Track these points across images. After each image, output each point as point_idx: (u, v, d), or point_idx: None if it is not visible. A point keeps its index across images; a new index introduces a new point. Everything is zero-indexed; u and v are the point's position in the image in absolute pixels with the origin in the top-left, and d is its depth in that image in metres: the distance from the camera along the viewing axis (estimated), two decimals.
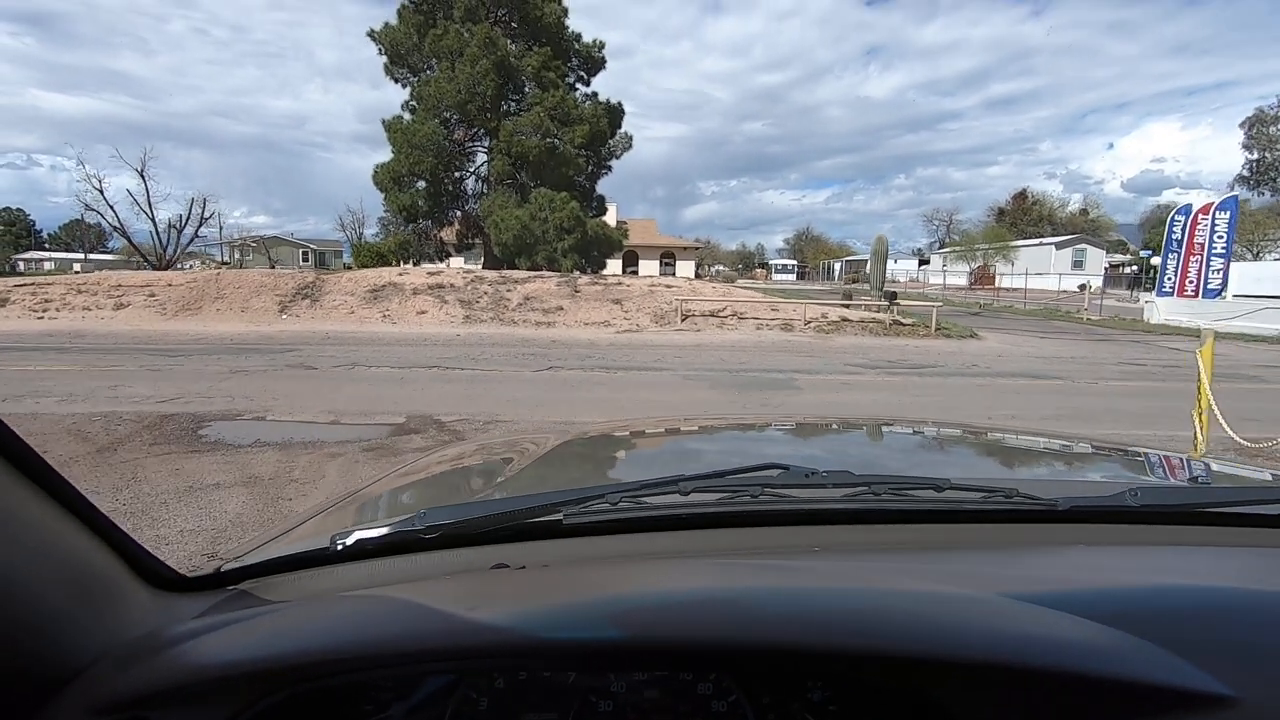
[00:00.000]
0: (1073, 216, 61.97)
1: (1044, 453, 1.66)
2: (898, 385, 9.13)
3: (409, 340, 13.18)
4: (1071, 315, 23.00)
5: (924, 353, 12.75)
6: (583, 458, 1.65)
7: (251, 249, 53.72)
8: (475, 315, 15.92)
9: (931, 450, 1.74)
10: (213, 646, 0.64)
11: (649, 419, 4.48)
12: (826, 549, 0.87)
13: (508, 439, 2.10)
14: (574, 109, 20.90)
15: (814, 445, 1.80)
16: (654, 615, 0.63)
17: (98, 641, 0.64)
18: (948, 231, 70.74)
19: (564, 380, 9.00)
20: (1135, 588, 0.71)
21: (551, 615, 0.63)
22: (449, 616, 0.63)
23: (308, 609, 0.73)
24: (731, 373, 9.96)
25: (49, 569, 0.62)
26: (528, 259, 20.53)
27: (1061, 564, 0.83)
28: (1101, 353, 13.34)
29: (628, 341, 13.62)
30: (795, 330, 15.28)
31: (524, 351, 11.85)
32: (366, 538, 0.82)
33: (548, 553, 0.85)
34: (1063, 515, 0.90)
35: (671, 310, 16.16)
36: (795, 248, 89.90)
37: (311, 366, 9.79)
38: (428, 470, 1.55)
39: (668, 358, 11.40)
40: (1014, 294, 34.05)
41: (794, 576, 0.74)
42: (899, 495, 0.91)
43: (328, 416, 6.66)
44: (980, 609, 0.64)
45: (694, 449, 1.80)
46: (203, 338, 13.27)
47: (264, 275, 17.66)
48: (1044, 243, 49.76)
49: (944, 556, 0.85)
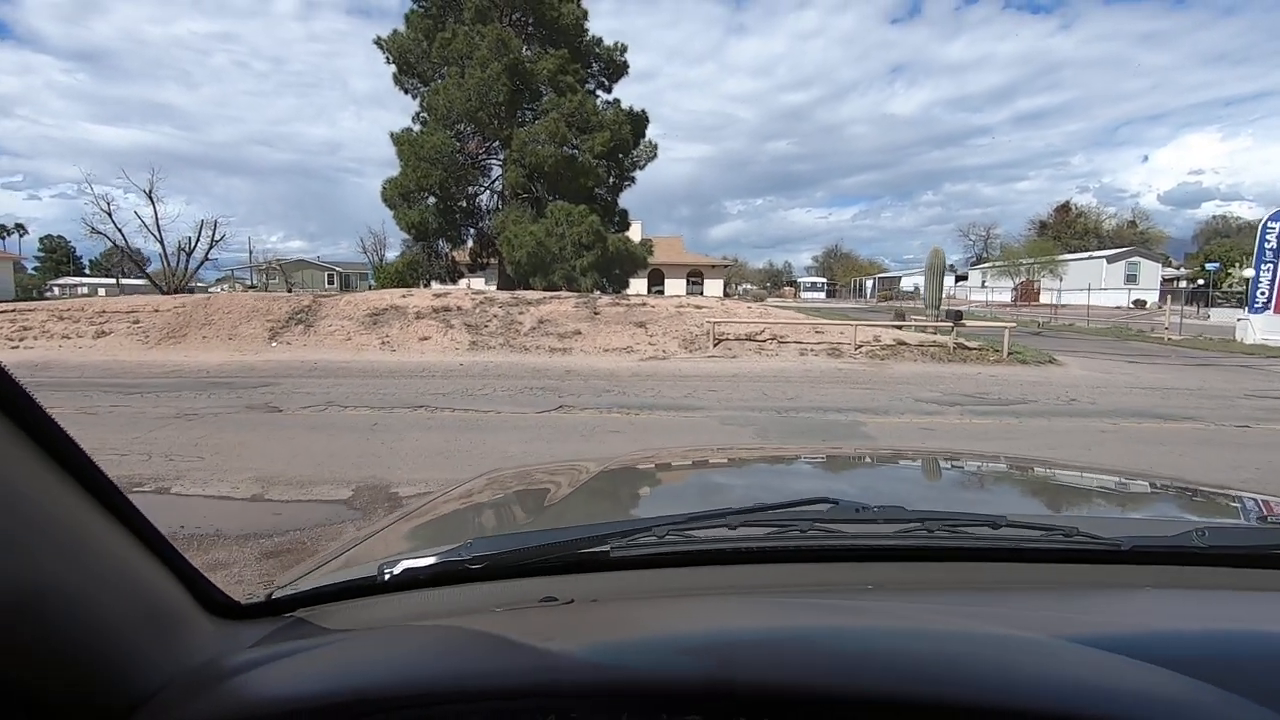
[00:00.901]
0: (1120, 229, 58.93)
1: (1103, 490, 1.59)
2: (995, 431, 7.21)
3: (405, 371, 11.58)
4: (1146, 335, 20.66)
5: (1005, 383, 10.77)
6: (625, 487, 1.62)
7: (277, 272, 53.85)
8: (483, 341, 14.30)
9: (984, 485, 1.67)
10: (278, 677, 0.64)
11: (688, 448, 4.29)
12: (879, 587, 0.84)
13: (549, 464, 2.01)
14: (594, 115, 19.24)
15: (861, 478, 1.74)
16: (714, 655, 0.62)
17: (164, 669, 0.63)
18: (985, 246, 68.13)
19: (573, 426, 7.26)
20: (1204, 632, 0.68)
21: (609, 653, 0.63)
22: (511, 654, 0.63)
23: (371, 641, 0.72)
24: (779, 413, 8.14)
25: (119, 595, 0.61)
26: (543, 278, 18.85)
27: (1127, 607, 0.79)
28: (1216, 382, 11.22)
29: (652, 371, 11.85)
30: (845, 356, 13.36)
31: (532, 385, 10.15)
32: (414, 567, 0.83)
33: (594, 586, 0.84)
34: (1125, 556, 0.87)
35: (702, 334, 14.38)
36: (824, 265, 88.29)
37: (276, 408, 8.19)
38: (471, 496, 1.52)
39: (700, 392, 9.60)
40: (1068, 311, 31.73)
41: (850, 616, 0.72)
42: (953, 532, 0.89)
43: (253, 487, 5.00)
44: (1048, 654, 0.61)
45: (737, 480, 1.73)
46: (178, 369, 11.84)
47: (256, 299, 16.28)
48: (1094, 256, 47.03)
49: (1002, 597, 0.82)
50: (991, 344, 14.07)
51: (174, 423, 7.25)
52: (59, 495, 0.58)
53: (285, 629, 0.78)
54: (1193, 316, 26.92)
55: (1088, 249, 51.89)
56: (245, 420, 7.47)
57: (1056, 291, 36.82)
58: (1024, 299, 43.24)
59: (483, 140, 20.14)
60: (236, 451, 6.03)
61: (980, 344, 14.12)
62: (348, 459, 5.77)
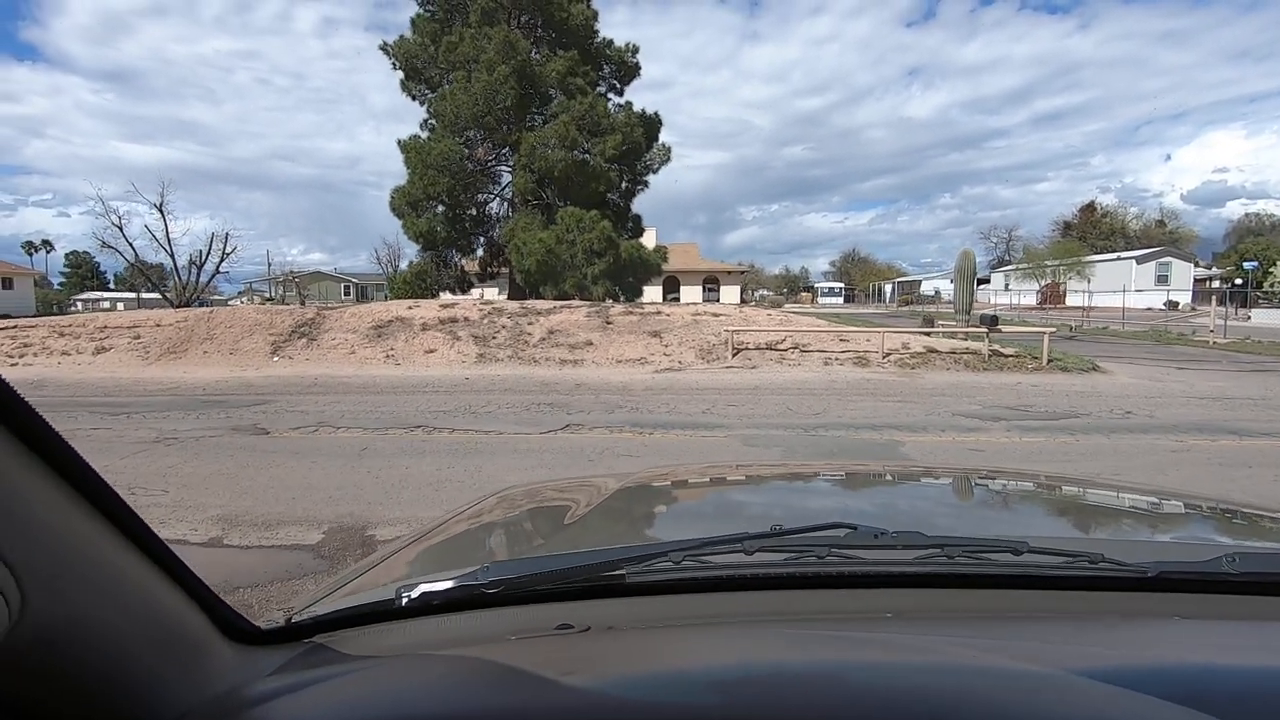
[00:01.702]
0: (1147, 228, 57.36)
1: (1131, 511, 1.54)
2: (1049, 450, 6.46)
3: (407, 386, 11.02)
4: (1188, 338, 19.63)
5: (1048, 393, 9.96)
6: (642, 506, 1.62)
7: (295, 285, 54.11)
8: (490, 353, 13.72)
9: (1007, 506, 1.61)
10: (299, 709, 0.64)
11: (706, 464, 4.17)
12: (899, 615, 0.82)
13: (565, 481, 2.01)
14: (605, 118, 18.63)
15: (881, 498, 1.70)
16: (733, 692, 0.61)
17: (186, 698, 0.62)
18: (1007, 249, 66.73)
19: (580, 448, 6.61)
20: (1237, 668, 0.65)
21: (626, 688, 0.63)
22: (527, 688, 0.63)
23: (389, 672, 0.72)
24: (806, 430, 7.44)
25: (141, 623, 0.61)
26: (554, 287, 18.24)
27: (1155, 639, 0.76)
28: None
29: (668, 384, 11.18)
30: (873, 365, 12.59)
31: (540, 400, 9.54)
32: (431, 591, 0.83)
33: (610, 612, 0.84)
34: (1152, 583, 0.83)
35: (720, 343, 13.69)
36: (841, 270, 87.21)
37: (263, 430, 7.64)
38: (493, 513, 1.52)
39: (719, 407, 8.92)
40: (1099, 313, 30.60)
41: (872, 651, 0.71)
42: (974, 559, 0.86)
43: (213, 528, 4.41)
44: (1074, 694, 0.59)
45: (752, 500, 1.71)
46: (174, 387, 11.38)
47: (259, 313, 15.85)
48: (1123, 257, 45.67)
49: (1024, 627, 0.80)
50: (1029, 350, 13.24)
51: (150, 448, 6.72)
52: (79, 523, 0.58)
53: (304, 655, 0.78)
54: (1231, 318, 25.77)
55: (1114, 249, 50.47)
56: (226, 444, 6.91)
57: (1085, 294, 35.62)
58: (1050, 301, 41.98)
59: (492, 146, 19.61)
60: (207, 484, 5.45)
61: (1016, 350, 13.29)
62: (326, 492, 5.17)
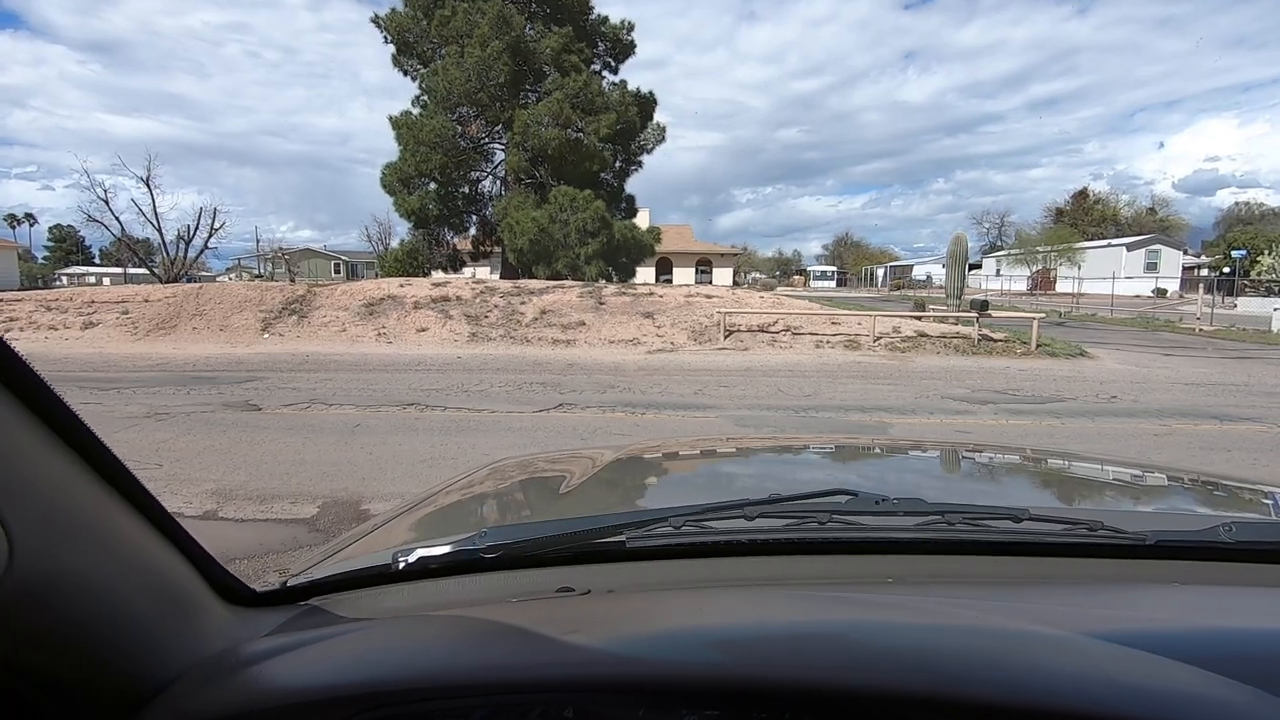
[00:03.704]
0: (1139, 216, 57.54)
1: (1129, 483, 1.56)
2: (1035, 433, 6.55)
3: (400, 364, 11.02)
4: (1175, 325, 19.83)
5: (1035, 378, 10.08)
6: (638, 477, 1.60)
7: (285, 261, 53.50)
8: (483, 332, 13.71)
9: (1006, 477, 1.61)
10: (294, 666, 0.63)
11: (705, 437, 4.01)
12: (900, 580, 0.82)
13: (562, 452, 1.91)
14: (599, 96, 18.44)
15: (878, 468, 1.69)
16: (734, 650, 0.61)
17: (181, 658, 0.62)
18: (999, 234, 66.84)
19: (573, 427, 6.66)
20: (1239, 630, 0.66)
21: (627, 646, 0.62)
22: (528, 646, 0.62)
23: (387, 631, 0.71)
24: (797, 412, 7.51)
25: (136, 583, 0.61)
26: (547, 266, 18.17)
27: (1150, 604, 0.77)
28: (1264, 376, 10.49)
29: (660, 365, 11.23)
30: (864, 348, 12.67)
31: (532, 380, 9.56)
32: (429, 555, 0.82)
33: (610, 576, 0.83)
34: (1150, 550, 0.84)
35: (712, 325, 13.73)
36: (834, 253, 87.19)
37: (255, 406, 7.64)
38: (485, 483, 1.50)
39: (710, 388, 8.98)
40: (1089, 300, 30.84)
41: (874, 610, 0.70)
42: (974, 525, 0.86)
43: (207, 501, 4.44)
44: (1077, 652, 0.59)
45: (751, 470, 1.70)
46: (164, 362, 11.33)
47: (249, 289, 15.73)
48: (1113, 244, 45.87)
49: (1023, 593, 0.80)
50: (1017, 335, 13.36)
51: (141, 423, 6.71)
52: (74, 482, 0.57)
53: (300, 617, 0.77)
54: (1219, 306, 26.05)
55: (1105, 237, 50.65)
56: (219, 421, 6.91)
57: (1075, 280, 35.83)
58: (1041, 287, 42.19)
59: (485, 123, 19.37)
60: (200, 458, 5.47)
61: (1005, 335, 13.40)
62: (320, 468, 5.20)
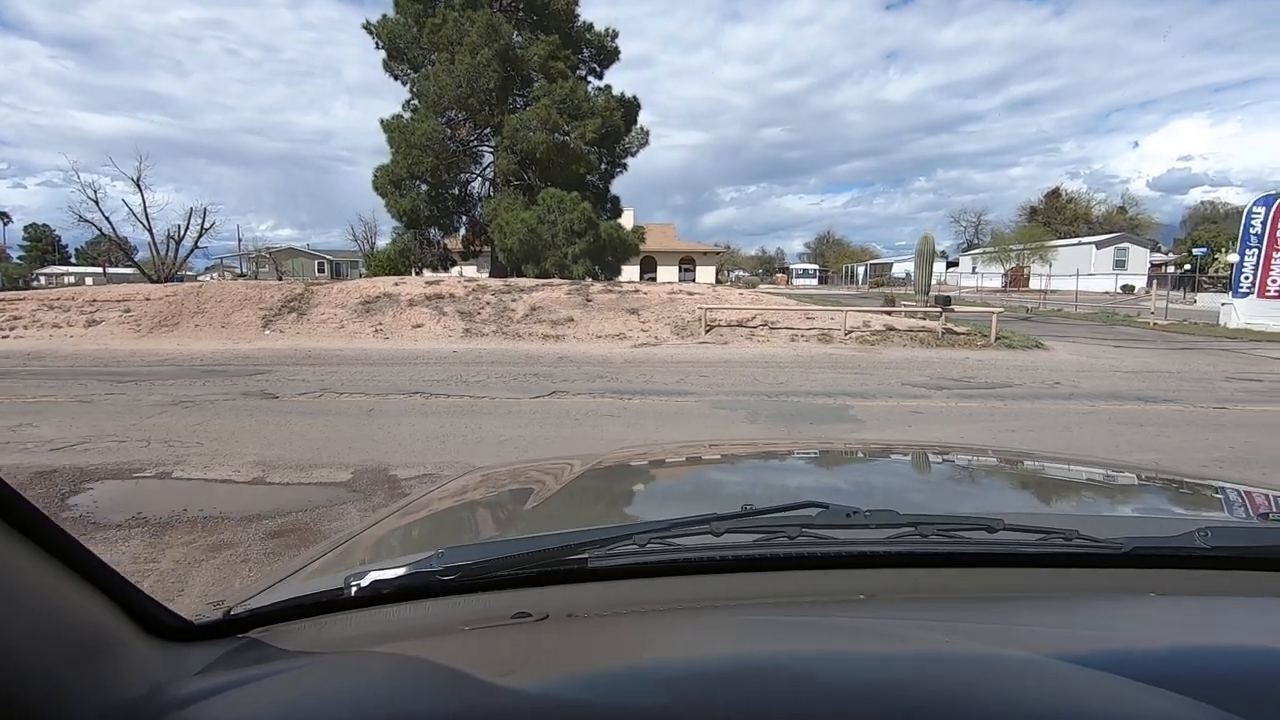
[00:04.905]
0: (1110, 214, 59.26)
1: (1103, 485, 1.55)
2: (979, 414, 7.38)
3: (399, 358, 11.65)
4: (1133, 319, 20.93)
5: (991, 367, 10.94)
6: (609, 488, 1.56)
7: (267, 261, 53.36)
8: (476, 328, 14.37)
9: (980, 482, 1.58)
10: (224, 710, 0.60)
11: (675, 444, 4.16)
12: (871, 597, 0.80)
13: (531, 463, 1.91)
14: (585, 102, 19.22)
15: (852, 476, 1.68)
16: (692, 688, 0.60)
17: (94, 705, 0.57)
18: (976, 232, 68.34)
19: (566, 411, 7.37)
20: (1209, 648, 0.66)
21: (579, 686, 0.60)
22: (473, 685, 0.61)
23: (325, 672, 0.68)
24: (770, 397, 8.28)
25: (35, 622, 0.55)
26: (535, 265, 18.89)
27: (1126, 617, 0.77)
28: (1199, 366, 11.43)
29: (645, 357, 11.97)
30: (835, 341, 13.50)
31: (526, 371, 10.25)
32: (382, 579, 0.78)
33: (571, 598, 0.79)
34: (1126, 559, 0.83)
35: (694, 320, 14.49)
36: (816, 252, 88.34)
37: (272, 395, 8.27)
38: (446, 499, 1.47)
39: (691, 378, 9.73)
40: (1056, 297, 32.00)
41: (835, 639, 0.69)
42: (948, 537, 0.85)
43: (253, 470, 5.10)
44: (1051, 680, 0.59)
45: (724, 479, 1.67)
46: (171, 358, 11.86)
47: (248, 288, 16.26)
48: (1083, 242, 47.35)
49: (998, 608, 0.79)
50: (979, 329, 14.25)
51: (170, 410, 7.32)
52: None
53: (237, 652, 0.73)
54: (1179, 301, 27.22)
55: (1078, 235, 52.17)
56: (241, 407, 7.54)
57: (1046, 277, 37.08)
58: (1014, 284, 43.52)
59: (474, 127, 20.10)
60: (235, 437, 6.12)
61: (968, 329, 14.30)
62: (344, 443, 5.87)
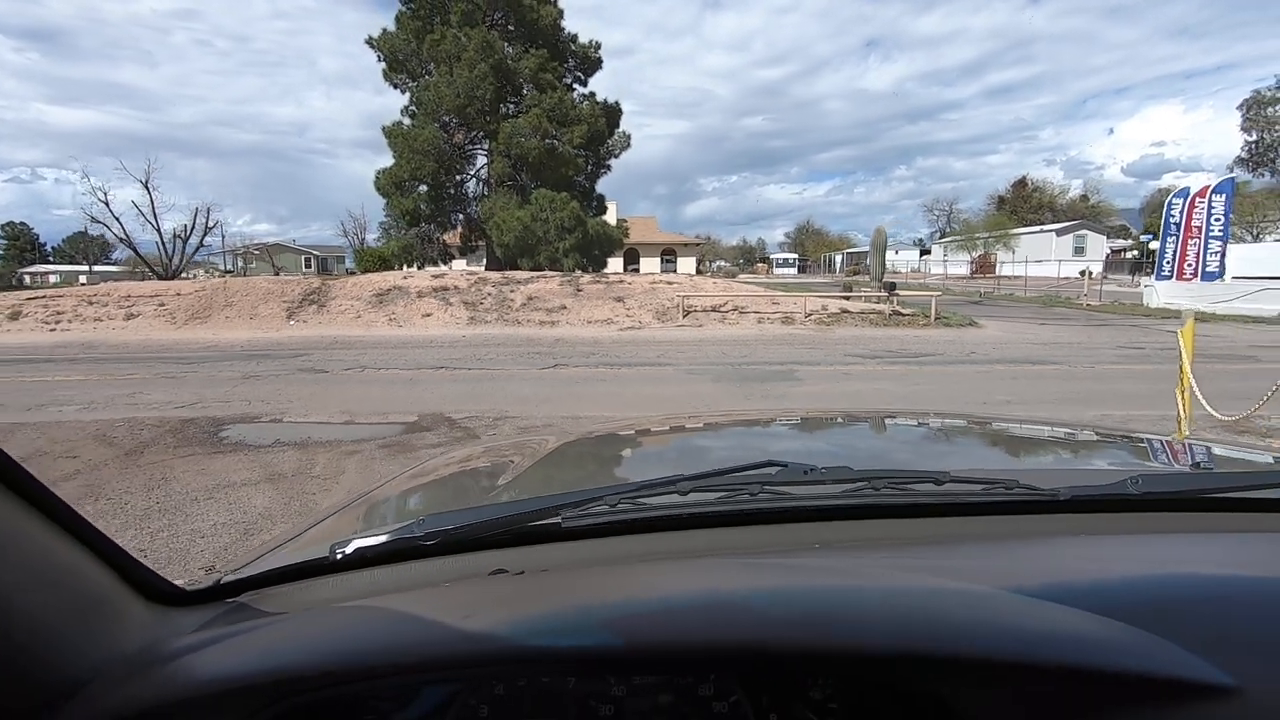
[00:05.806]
0: (1074, 202, 61.88)
1: (1047, 441, 1.68)
2: (897, 374, 9.29)
3: (415, 343, 13.37)
4: (1072, 302, 23.10)
5: (923, 342, 12.90)
6: (584, 459, 1.66)
7: (255, 257, 53.83)
8: (479, 316, 16.11)
9: (932, 442, 1.70)
10: (210, 660, 0.64)
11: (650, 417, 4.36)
12: (826, 546, 0.86)
13: (512, 440, 2.09)
14: (572, 110, 21.10)
15: (813, 440, 1.80)
16: (652, 619, 0.63)
17: (94, 659, 0.62)
18: (949, 221, 70.68)
19: (569, 377, 9.18)
20: (1135, 578, 0.71)
21: (548, 621, 0.63)
22: (446, 625, 0.63)
23: (303, 620, 0.73)
24: (733, 366, 10.13)
25: (42, 587, 0.60)
26: (530, 260, 20.74)
27: (1062, 555, 0.82)
28: (1100, 338, 13.47)
29: (631, 338, 13.79)
30: (796, 323, 15.43)
31: (529, 350, 12.03)
32: (366, 545, 0.83)
33: (548, 557, 0.85)
34: (1063, 505, 0.90)
35: (673, 306, 16.33)
36: (796, 241, 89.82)
37: (322, 370, 9.99)
38: (430, 474, 1.56)
39: (670, 353, 11.57)
40: (1015, 282, 34.14)
41: (792, 575, 0.73)
42: (899, 489, 0.91)
43: (342, 417, 6.86)
44: (981, 604, 0.64)
45: (695, 447, 1.80)
46: (214, 345, 13.49)
47: (271, 282, 17.87)
48: (1044, 230, 49.78)
49: (945, 551, 0.84)
50: (924, 311, 16.24)
51: (246, 381, 9.02)
52: None
53: (228, 613, 0.78)
54: (1130, 285, 29.33)
55: (1042, 222, 54.63)
56: (303, 378, 9.26)
57: (1011, 264, 39.20)
58: (981, 271, 45.75)
59: (468, 132, 21.89)
60: (313, 397, 7.86)
61: (914, 311, 16.27)
62: (401, 400, 7.64)
